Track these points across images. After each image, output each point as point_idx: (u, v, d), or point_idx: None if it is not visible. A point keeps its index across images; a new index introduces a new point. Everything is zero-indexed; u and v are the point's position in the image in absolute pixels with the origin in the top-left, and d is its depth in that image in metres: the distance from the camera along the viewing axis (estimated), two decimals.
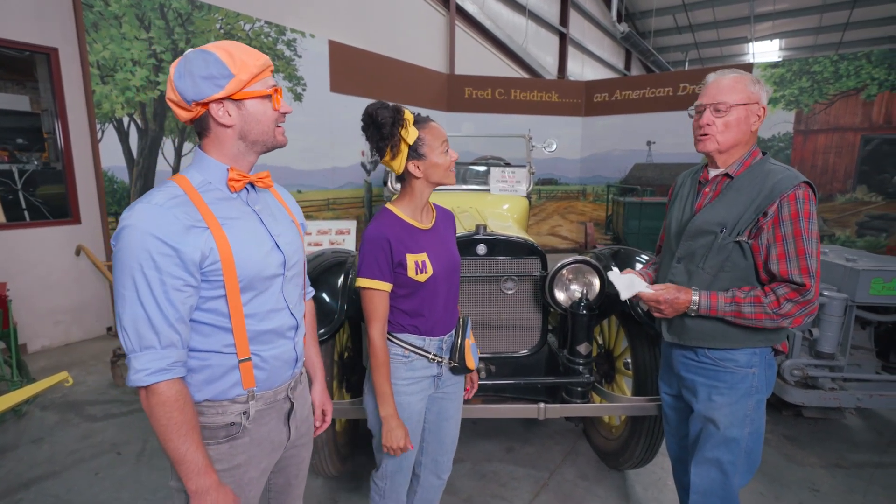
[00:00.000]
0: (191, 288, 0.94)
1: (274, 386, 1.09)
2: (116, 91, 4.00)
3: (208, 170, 1.02)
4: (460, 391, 1.62)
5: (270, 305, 1.06)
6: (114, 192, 4.11)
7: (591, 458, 2.53)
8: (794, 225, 1.30)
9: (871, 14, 13.97)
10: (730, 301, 1.36)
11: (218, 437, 1.02)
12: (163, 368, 0.90)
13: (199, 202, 0.97)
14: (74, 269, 4.11)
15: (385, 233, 1.36)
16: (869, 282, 2.45)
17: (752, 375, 1.43)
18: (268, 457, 1.11)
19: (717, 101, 1.38)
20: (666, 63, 17.27)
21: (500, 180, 3.56)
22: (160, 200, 0.92)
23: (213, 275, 0.96)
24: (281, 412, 1.13)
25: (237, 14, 4.75)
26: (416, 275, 1.38)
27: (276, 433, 1.12)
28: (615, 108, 7.69)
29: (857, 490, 2.30)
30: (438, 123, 1.42)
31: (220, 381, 1.01)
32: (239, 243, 0.99)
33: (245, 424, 1.04)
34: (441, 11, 8.51)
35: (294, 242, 1.14)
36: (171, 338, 0.92)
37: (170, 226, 0.90)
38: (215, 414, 1.01)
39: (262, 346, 1.05)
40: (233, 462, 1.04)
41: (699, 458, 1.51)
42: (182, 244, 0.91)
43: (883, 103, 5.97)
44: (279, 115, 1.05)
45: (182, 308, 0.93)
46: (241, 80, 0.97)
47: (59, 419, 2.86)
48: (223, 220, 0.98)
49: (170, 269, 0.90)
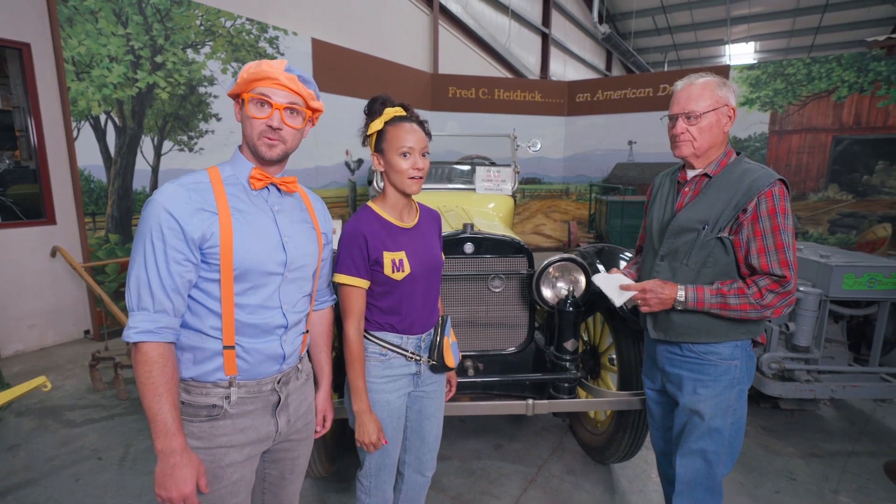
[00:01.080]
0: (190, 263, 1.02)
1: (257, 377, 1.12)
2: (93, 88, 3.90)
3: (237, 166, 1.13)
4: (441, 389, 1.61)
5: (262, 301, 1.11)
6: (91, 191, 4.01)
7: (577, 453, 2.57)
8: (771, 220, 1.36)
9: (842, 19, 14.45)
10: (715, 293, 1.41)
11: (200, 416, 1.08)
12: (150, 330, 0.98)
13: (219, 191, 1.06)
14: (49, 272, 4.00)
15: (361, 229, 1.36)
16: (841, 277, 2.55)
17: (734, 367, 1.47)
18: (253, 445, 1.14)
19: (687, 109, 1.44)
20: (646, 64, 17.56)
21: (485, 179, 3.58)
22: (183, 182, 1.04)
23: (211, 257, 1.03)
24: (267, 403, 1.16)
25: (218, 10, 4.67)
26: (393, 273, 1.38)
27: (263, 423, 1.15)
28: (597, 109, 7.80)
29: (832, 477, 2.39)
30: (422, 129, 1.38)
31: (205, 363, 1.07)
32: (242, 233, 1.06)
33: (227, 408, 1.09)
34: (425, 10, 8.51)
35: (305, 247, 1.19)
36: (164, 304, 1.00)
37: (182, 205, 1.00)
38: (199, 394, 1.08)
39: (246, 338, 1.09)
40: (213, 442, 1.08)
41: (684, 450, 1.55)
42: (187, 223, 1.00)
43: (853, 105, 6.19)
44: (262, 125, 1.09)
45: (179, 280, 1.00)
46: (242, 81, 1.06)
47: (37, 425, 2.78)
48: (235, 210, 1.07)
49: (173, 243, 0.99)
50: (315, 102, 1.15)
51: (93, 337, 4.23)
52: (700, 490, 1.54)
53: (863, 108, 6.15)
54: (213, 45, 4.67)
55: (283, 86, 1.07)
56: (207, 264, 1.04)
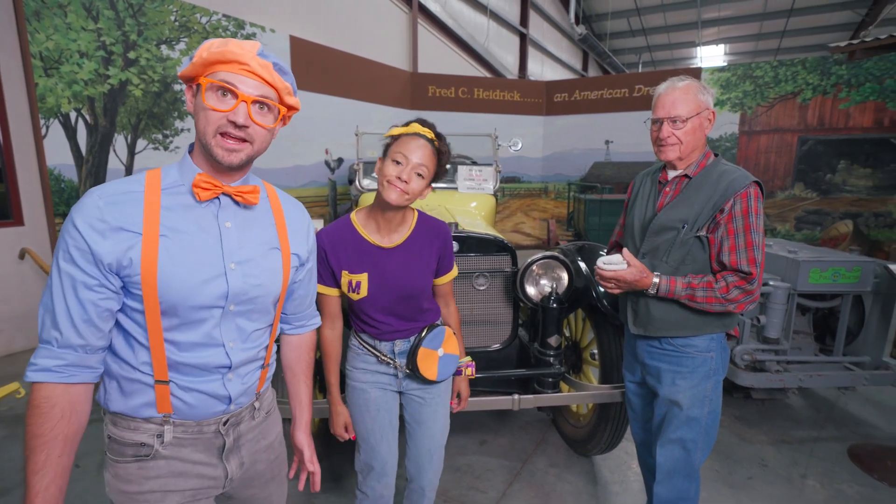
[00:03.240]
0: (107, 290, 0.84)
1: (197, 418, 0.95)
2: (62, 84, 3.77)
3: (185, 169, 0.91)
4: (441, 400, 1.54)
5: (199, 339, 0.91)
6: (61, 191, 3.87)
7: (560, 447, 2.63)
8: (744, 220, 1.43)
9: (805, 23, 15.04)
10: (686, 286, 1.48)
11: (126, 456, 0.91)
12: (49, 369, 0.82)
13: (152, 203, 0.86)
14: (17, 274, 3.86)
15: (322, 242, 1.35)
16: (808, 271, 2.67)
17: (710, 359, 1.54)
18: (196, 490, 0.97)
19: (672, 115, 1.49)
20: (621, 65, 17.91)
21: (467, 178, 3.61)
22: (106, 192, 0.85)
23: (133, 286, 0.85)
24: (210, 446, 0.98)
25: (193, 6, 4.57)
26: (349, 292, 1.38)
27: (206, 467, 0.98)
28: (575, 108, 7.92)
29: (800, 462, 2.51)
30: (434, 152, 1.33)
31: (134, 397, 0.90)
32: (170, 262, 0.86)
33: (158, 448, 0.92)
34: (403, 9, 8.49)
35: (260, 275, 0.96)
36: (72, 339, 0.83)
37: (94, 221, 0.82)
38: (126, 428, 0.91)
39: (182, 375, 0.92)
40: (143, 486, 0.92)
41: (664, 440, 1.61)
42: (97, 244, 0.82)
43: (817, 107, 6.46)
44: (218, 117, 0.86)
45: (92, 309, 0.83)
46: (201, 61, 0.84)
47: (7, 433, 2.69)
48: (166, 229, 0.86)
49: (82, 265, 0.82)
50: (291, 98, 0.93)
51: None
52: (679, 477, 1.60)
53: (826, 109, 6.42)
54: (189, 42, 4.57)
55: (254, 73, 0.85)
56: (129, 293, 0.86)
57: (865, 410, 3.07)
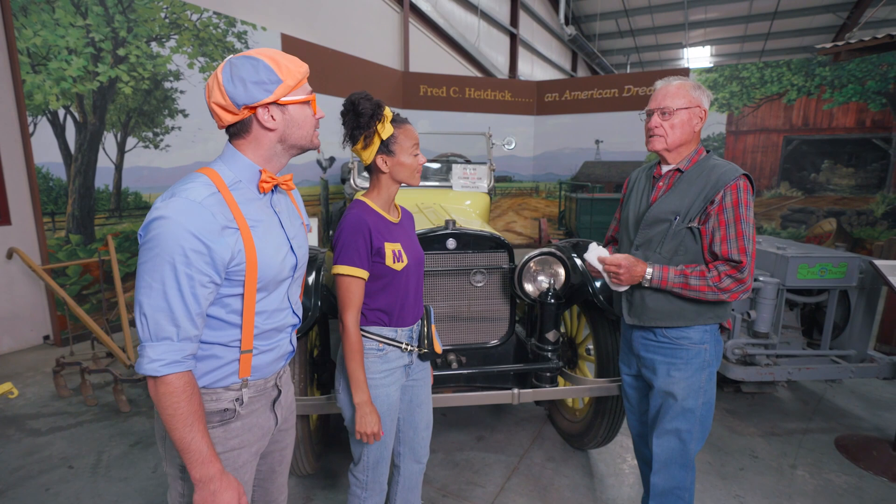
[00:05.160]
0: (214, 285, 0.97)
1: (266, 375, 1.13)
2: (50, 81, 3.72)
3: (241, 168, 1.05)
4: (427, 377, 1.67)
5: (276, 305, 1.11)
6: (49, 190, 3.82)
7: (556, 441, 2.66)
8: (734, 211, 1.47)
9: (789, 26, 15.33)
10: (679, 274, 1.52)
11: (212, 422, 1.05)
12: (177, 360, 0.93)
13: (231, 201, 0.99)
14: (4, 275, 3.79)
15: (365, 219, 1.39)
16: (797, 267, 2.73)
17: (704, 351, 1.58)
18: (258, 441, 1.15)
19: (662, 105, 1.54)
20: (609, 65, 18.08)
21: (461, 177, 3.63)
22: (198, 196, 0.94)
23: (236, 275, 1.00)
24: (269, 399, 1.17)
25: (184, 3, 4.53)
26: (394, 263, 1.42)
27: (265, 419, 1.16)
28: (565, 108, 7.99)
29: (789, 454, 2.57)
30: (413, 126, 1.48)
31: (220, 371, 1.05)
32: (262, 247, 1.03)
33: (238, 410, 1.08)
34: (395, 8, 8.48)
35: (304, 245, 1.20)
36: (190, 332, 0.95)
37: (207, 224, 0.93)
38: (210, 401, 1.05)
39: (263, 341, 1.09)
40: (227, 446, 1.07)
41: (660, 431, 1.64)
42: (216, 243, 0.94)
43: (801, 107, 6.59)
44: (316, 121, 1.12)
45: (204, 303, 0.96)
46: (288, 86, 1.02)
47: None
48: (251, 223, 1.02)
49: (200, 266, 0.93)
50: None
51: (53, 342, 4.03)
52: (675, 467, 1.63)
53: (810, 110, 6.56)
54: (179, 39, 4.52)
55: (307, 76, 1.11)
56: (230, 281, 1.00)
57: (851, 402, 3.15)
